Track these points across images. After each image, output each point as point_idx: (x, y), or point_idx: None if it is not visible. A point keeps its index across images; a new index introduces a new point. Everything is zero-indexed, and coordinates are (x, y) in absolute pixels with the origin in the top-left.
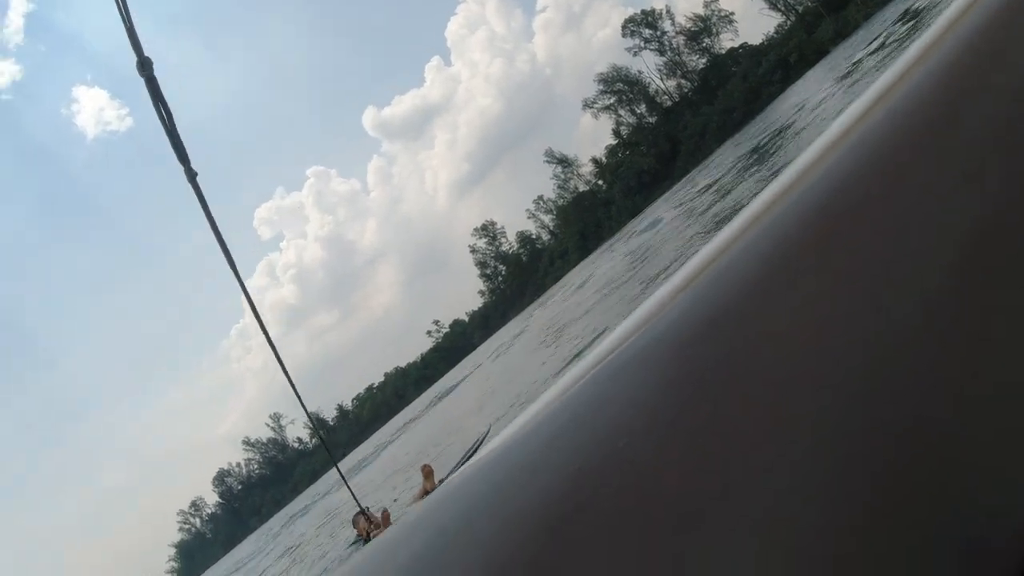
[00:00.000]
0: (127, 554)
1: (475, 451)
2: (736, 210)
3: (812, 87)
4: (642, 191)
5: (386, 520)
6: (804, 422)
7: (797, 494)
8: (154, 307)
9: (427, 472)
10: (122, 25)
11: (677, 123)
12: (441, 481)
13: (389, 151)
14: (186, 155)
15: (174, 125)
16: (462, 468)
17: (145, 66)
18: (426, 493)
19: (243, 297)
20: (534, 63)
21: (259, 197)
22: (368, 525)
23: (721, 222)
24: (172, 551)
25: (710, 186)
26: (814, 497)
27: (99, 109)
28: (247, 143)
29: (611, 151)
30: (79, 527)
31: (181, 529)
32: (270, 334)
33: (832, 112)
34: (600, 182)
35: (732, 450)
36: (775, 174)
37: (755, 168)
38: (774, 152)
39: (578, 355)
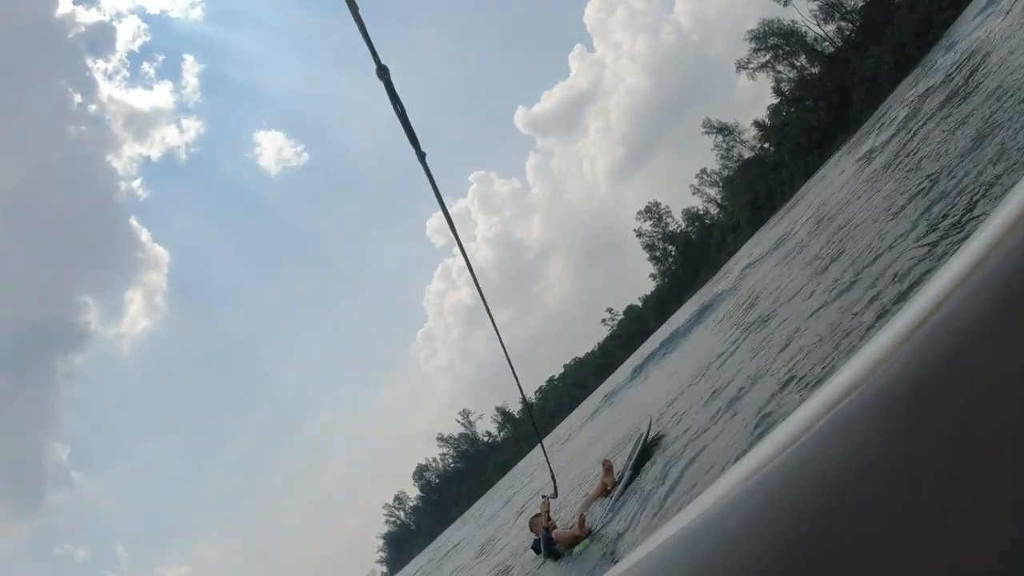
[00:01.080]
0: (343, 547)
1: (641, 444)
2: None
3: (990, 8)
4: (814, 149)
5: (609, 472)
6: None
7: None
8: (346, 325)
9: (607, 467)
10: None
11: (844, 70)
12: (620, 477)
13: (544, 147)
14: (416, 139)
15: (407, 117)
16: (673, 526)
17: (384, 72)
18: (605, 488)
19: (432, 300)
20: (679, 32)
21: (429, 208)
22: (548, 523)
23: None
24: (380, 542)
25: (892, 137)
26: None
27: (278, 149)
28: (411, 157)
29: (774, 111)
30: (301, 524)
31: (387, 521)
32: (492, 313)
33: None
34: (767, 145)
35: (977, 510)
36: (1003, 196)
37: (939, 108)
38: (958, 90)
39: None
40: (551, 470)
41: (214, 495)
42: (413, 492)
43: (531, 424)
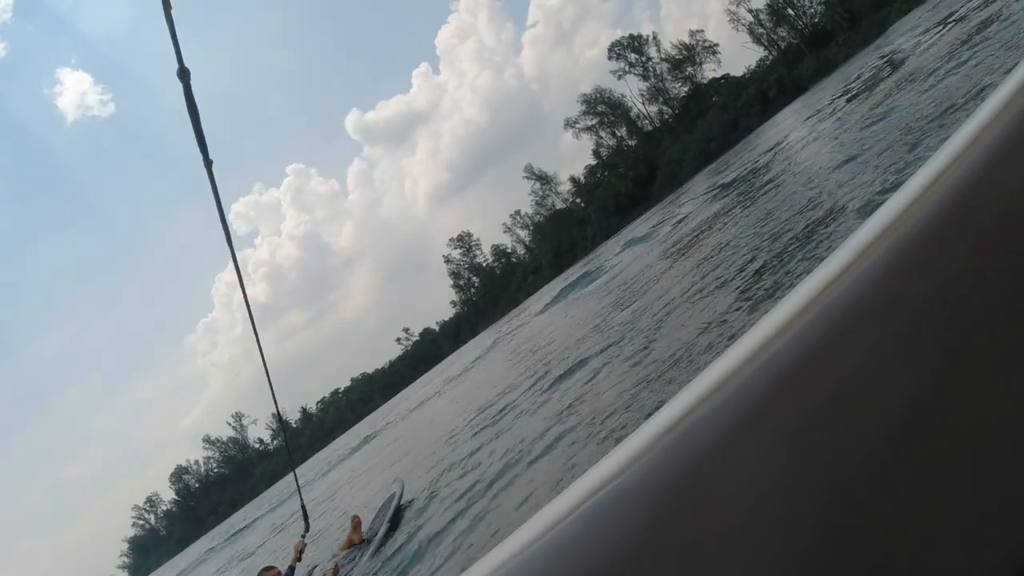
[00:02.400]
0: (81, 546)
1: (395, 508)
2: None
3: (790, 122)
4: (618, 212)
5: (357, 529)
6: (766, 566)
7: None
8: (120, 299)
9: (356, 523)
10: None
11: (656, 148)
12: (370, 535)
13: (371, 155)
14: (206, 145)
15: (200, 126)
16: None
17: (185, 74)
18: (351, 544)
19: (222, 290)
20: (521, 77)
21: (237, 191)
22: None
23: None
24: (125, 546)
25: (680, 221)
26: None
27: (82, 92)
28: (229, 136)
29: (590, 171)
30: (34, 517)
31: (135, 524)
32: (256, 326)
33: (796, 156)
34: (578, 200)
35: None
36: (744, 328)
37: (725, 205)
38: (746, 194)
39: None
40: (303, 503)
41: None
42: (168, 495)
43: (288, 448)
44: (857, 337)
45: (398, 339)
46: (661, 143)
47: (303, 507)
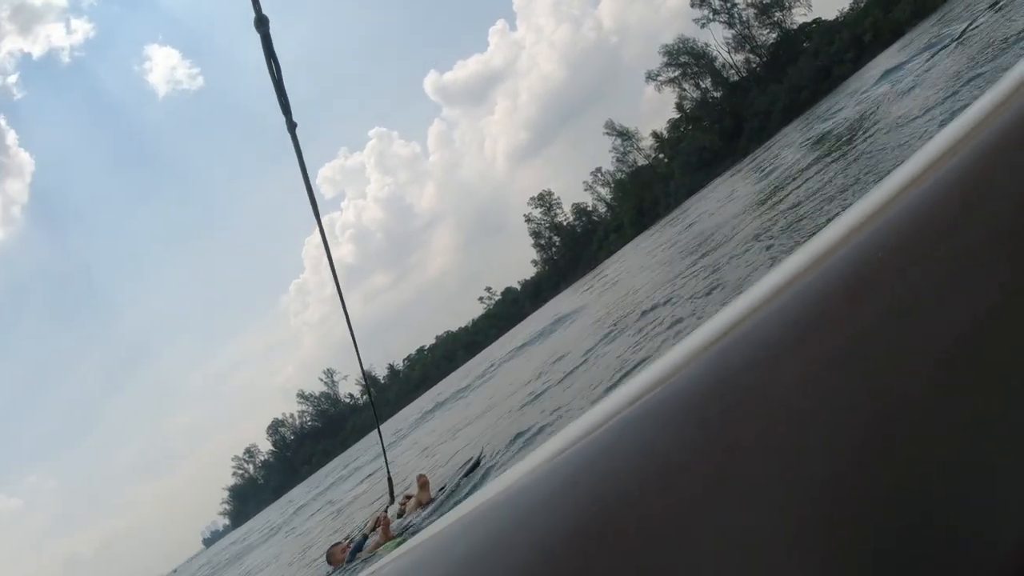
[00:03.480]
0: (184, 494)
1: (470, 471)
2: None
3: (886, 68)
4: (703, 168)
5: (385, 528)
6: (803, 485)
7: (795, 549)
8: (217, 263)
9: (423, 483)
10: None
11: (743, 100)
12: (439, 495)
13: (450, 116)
14: (289, 108)
15: (282, 79)
16: (472, 502)
17: (263, 23)
18: (419, 505)
19: (311, 252)
20: (600, 30)
21: (323, 156)
22: (343, 556)
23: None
24: (225, 494)
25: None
26: (809, 554)
27: (171, 68)
28: (312, 102)
29: (673, 125)
30: (140, 466)
31: (235, 473)
32: (341, 287)
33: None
34: (661, 156)
35: (738, 506)
36: (797, 244)
37: (817, 159)
38: (840, 146)
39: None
40: (388, 473)
41: (49, 427)
42: (265, 446)
43: (376, 416)
44: (925, 255)
45: (480, 298)
46: (748, 94)
47: (389, 478)
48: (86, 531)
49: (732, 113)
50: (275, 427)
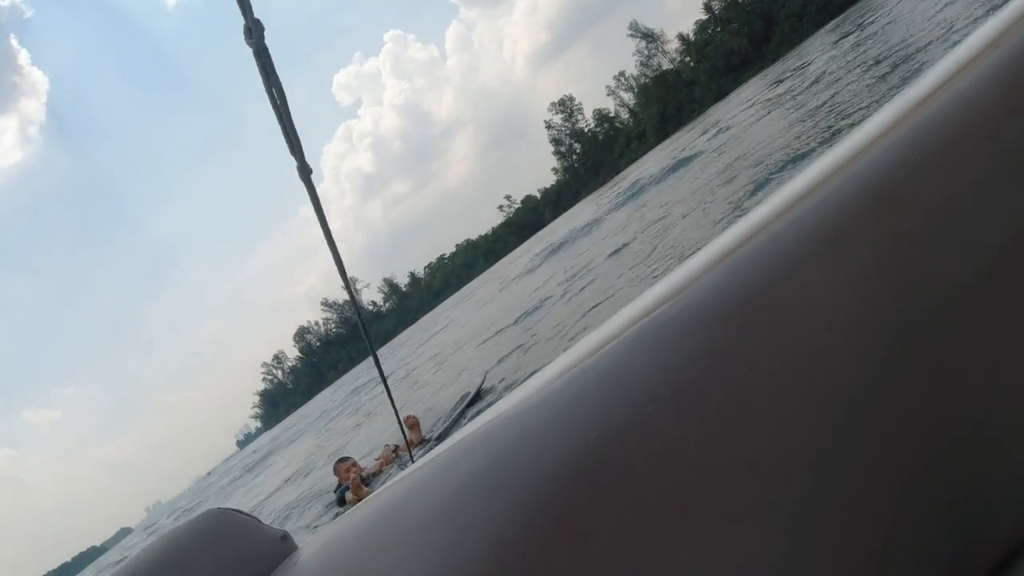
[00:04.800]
0: (218, 399)
1: (470, 403)
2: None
3: None
4: (730, 73)
5: (415, 429)
6: (827, 405)
7: (814, 472)
8: (238, 173)
9: (412, 423)
10: None
11: (774, 2)
12: (434, 436)
13: (468, 17)
14: (301, 148)
15: (288, 111)
16: (482, 421)
17: (255, 30)
18: (408, 446)
19: (331, 162)
20: None
21: (338, 62)
22: (351, 474)
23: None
24: (256, 399)
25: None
26: (830, 478)
27: None
28: (325, 3)
29: (700, 27)
30: (172, 374)
31: (265, 379)
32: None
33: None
34: (687, 60)
35: (754, 426)
36: (821, 152)
37: (851, 63)
38: (871, 48)
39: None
40: (395, 410)
41: (82, 340)
42: (292, 353)
43: (407, 312)
44: (963, 157)
45: (500, 206)
46: None
47: (397, 417)
48: (124, 438)
49: (763, 15)
50: (301, 334)
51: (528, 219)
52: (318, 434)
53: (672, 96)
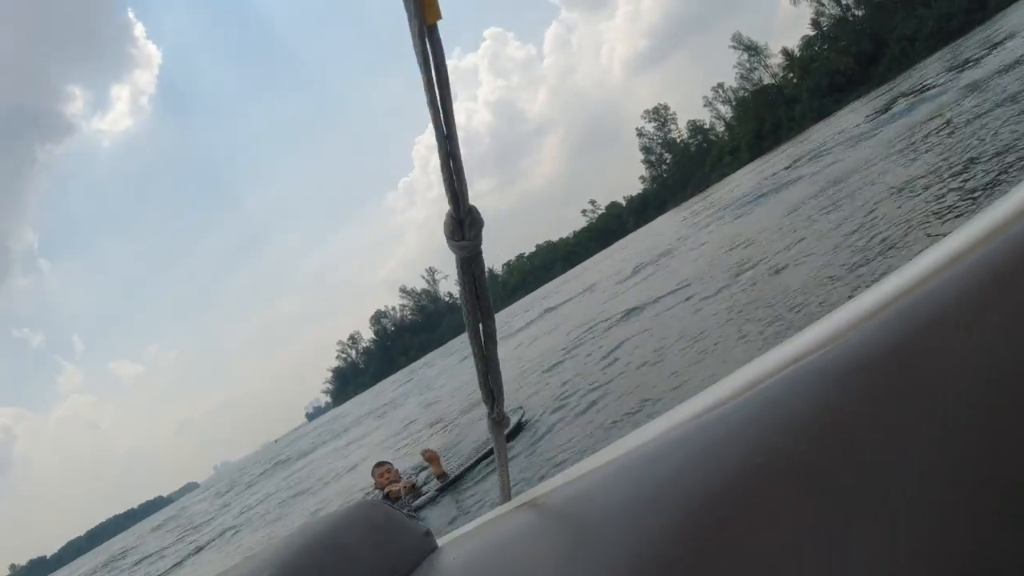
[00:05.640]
0: (292, 371)
1: (485, 455)
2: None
3: None
4: (833, 93)
5: (435, 462)
6: (971, 464)
7: (956, 531)
8: (331, 156)
9: (430, 457)
10: None
11: (886, 22)
12: (454, 475)
13: (568, 19)
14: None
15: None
16: (638, 440)
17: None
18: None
19: (422, 152)
20: None
21: None
22: (386, 480)
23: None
24: (328, 375)
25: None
26: (972, 539)
27: None
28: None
29: (806, 43)
30: (253, 343)
31: (338, 357)
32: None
33: None
34: (789, 76)
35: (901, 476)
36: (974, 209)
37: (963, 98)
38: (988, 86)
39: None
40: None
41: (171, 303)
42: (367, 335)
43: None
44: None
45: (583, 211)
46: (893, 16)
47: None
48: (200, 399)
49: (872, 36)
50: (378, 318)
51: (610, 225)
52: (380, 418)
53: (771, 112)
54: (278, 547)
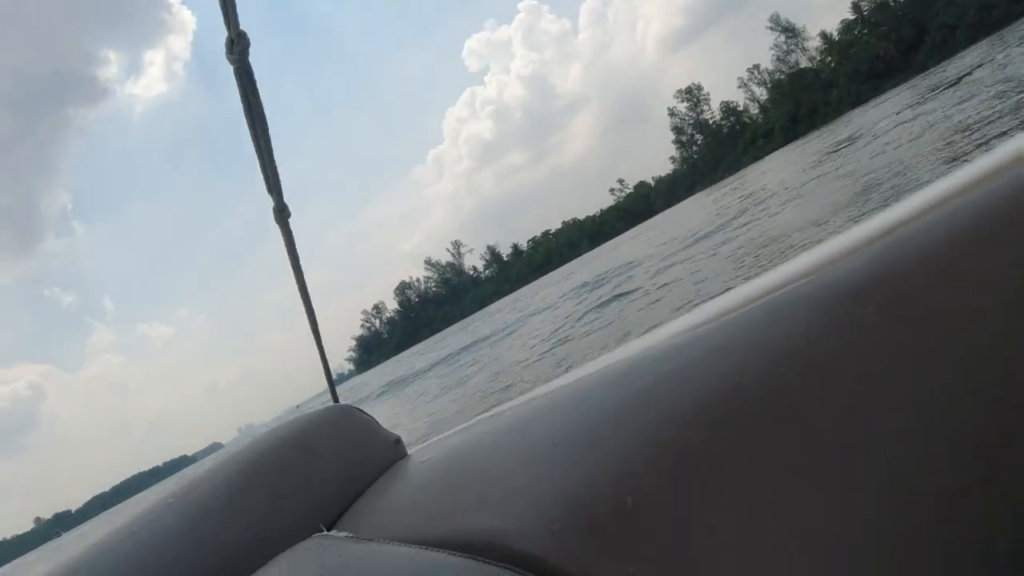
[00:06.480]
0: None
1: None
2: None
3: None
4: (871, 79)
5: None
6: (959, 400)
7: (935, 462)
8: (360, 127)
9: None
10: None
11: (928, 8)
12: None
13: None
14: (279, 185)
15: (270, 144)
16: (618, 356)
17: (238, 42)
18: None
19: (452, 125)
20: None
21: (469, 27)
22: None
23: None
24: (352, 343)
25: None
26: (956, 468)
27: None
28: None
29: (846, 27)
30: (276, 313)
31: (363, 326)
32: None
33: None
34: (827, 60)
35: (881, 407)
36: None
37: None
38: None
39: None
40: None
41: (200, 268)
42: (391, 305)
43: (505, 282)
44: None
45: (611, 189)
46: (934, 3)
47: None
48: (226, 363)
49: (913, 21)
50: (402, 289)
51: (638, 206)
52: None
53: (807, 96)
54: (249, 446)
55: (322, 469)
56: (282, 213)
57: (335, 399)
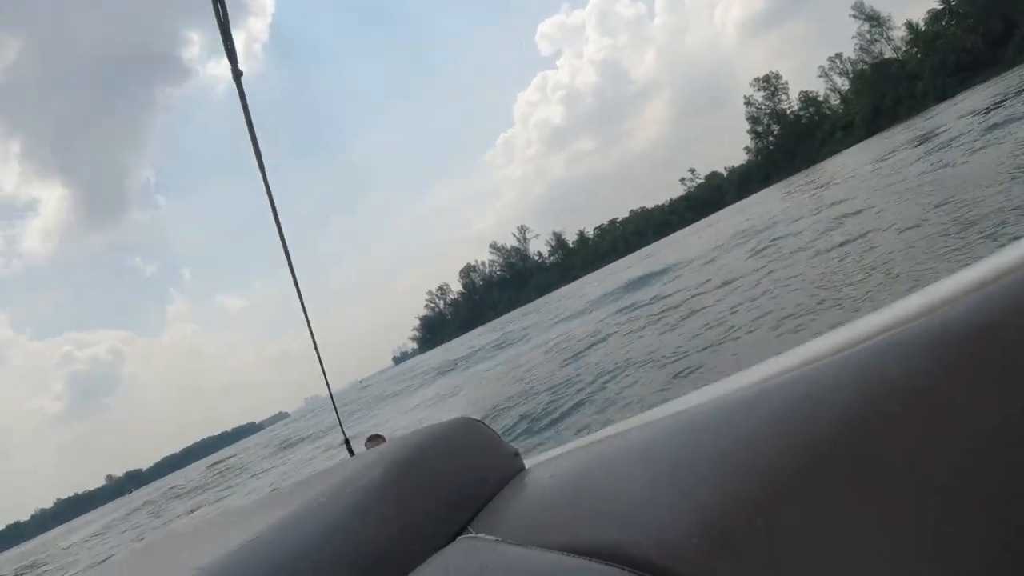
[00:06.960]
0: (383, 315)
1: None
2: None
3: None
4: (958, 73)
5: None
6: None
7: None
8: (434, 110)
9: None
10: None
11: (1018, 2)
12: None
13: None
14: (235, 52)
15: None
16: (724, 389)
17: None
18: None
19: (523, 109)
20: None
21: (544, 11)
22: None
23: None
24: (417, 323)
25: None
26: None
27: None
28: None
29: (933, 17)
30: (347, 287)
31: (427, 306)
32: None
33: None
34: (913, 51)
35: (997, 452)
36: None
37: None
38: None
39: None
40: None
41: (275, 243)
42: (456, 287)
43: (570, 268)
44: None
45: (682, 178)
46: None
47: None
48: (296, 335)
49: (1004, 16)
50: (467, 271)
51: (708, 196)
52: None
53: (891, 87)
54: (384, 451)
55: (454, 476)
56: (236, 73)
57: (346, 443)
